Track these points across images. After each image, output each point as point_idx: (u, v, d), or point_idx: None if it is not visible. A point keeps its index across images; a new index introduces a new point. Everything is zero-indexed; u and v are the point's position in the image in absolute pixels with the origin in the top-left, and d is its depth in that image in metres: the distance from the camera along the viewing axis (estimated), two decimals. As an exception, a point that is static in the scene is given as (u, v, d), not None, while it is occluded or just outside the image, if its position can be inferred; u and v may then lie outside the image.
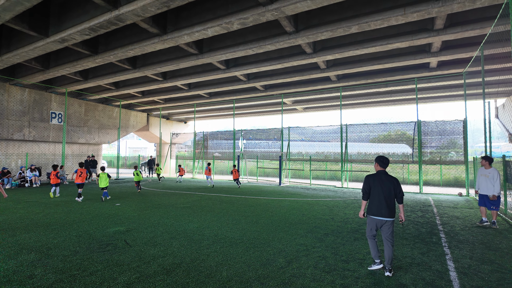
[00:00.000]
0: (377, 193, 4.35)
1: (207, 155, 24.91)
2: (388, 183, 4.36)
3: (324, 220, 7.82)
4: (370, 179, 4.47)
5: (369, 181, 4.46)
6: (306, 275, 4.16)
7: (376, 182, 4.40)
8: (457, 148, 15.95)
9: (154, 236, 6.06)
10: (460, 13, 10.42)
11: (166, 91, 21.79)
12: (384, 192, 4.32)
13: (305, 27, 11.13)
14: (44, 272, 4.15)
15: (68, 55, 15.31)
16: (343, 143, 17.42)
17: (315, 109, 26.31)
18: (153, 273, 4.15)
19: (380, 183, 4.37)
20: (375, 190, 4.38)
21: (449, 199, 12.33)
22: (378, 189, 4.35)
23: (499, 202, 7.42)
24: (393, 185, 4.35)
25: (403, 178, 21.67)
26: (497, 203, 7.37)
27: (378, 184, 4.37)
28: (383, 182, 4.37)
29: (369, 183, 4.46)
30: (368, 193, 4.46)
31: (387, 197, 4.30)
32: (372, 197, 4.42)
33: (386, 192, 4.31)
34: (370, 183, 4.45)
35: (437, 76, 15.45)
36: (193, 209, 9.24)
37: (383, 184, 4.36)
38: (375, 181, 4.41)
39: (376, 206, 4.33)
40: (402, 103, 22.34)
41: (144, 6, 9.05)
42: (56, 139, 20.66)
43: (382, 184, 4.36)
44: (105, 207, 9.56)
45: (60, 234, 6.17)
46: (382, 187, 4.34)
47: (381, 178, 4.42)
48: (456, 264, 4.65)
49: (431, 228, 7.09)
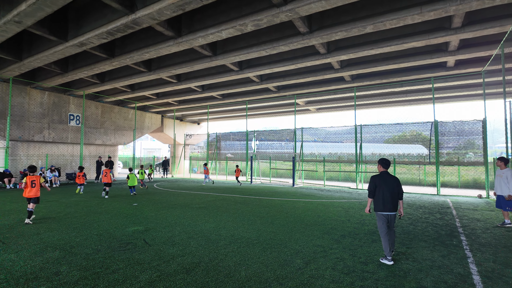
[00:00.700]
0: (382, 191, 4.83)
1: (220, 156, 25.09)
2: (391, 182, 4.85)
3: (340, 222, 7.77)
4: (376, 179, 4.94)
5: (375, 181, 4.93)
6: (324, 276, 4.15)
7: (381, 182, 4.87)
8: (475, 149, 15.54)
9: (172, 235, 6.16)
10: (479, 11, 10.17)
11: (180, 93, 22.08)
12: (389, 190, 4.80)
13: (319, 28, 11.09)
14: (69, 269, 4.28)
15: (85, 59, 15.73)
16: (358, 144, 17.23)
17: (329, 109, 26.13)
18: (173, 272, 4.22)
19: (385, 182, 4.86)
20: (380, 188, 4.85)
21: (469, 201, 12.03)
22: (383, 187, 4.83)
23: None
24: (395, 184, 4.85)
25: (419, 179, 21.24)
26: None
27: (383, 183, 4.85)
28: (386, 182, 4.86)
29: (374, 182, 4.92)
30: (374, 191, 4.92)
31: (391, 195, 4.79)
32: (377, 195, 4.87)
33: (390, 190, 4.80)
34: (376, 182, 4.91)
35: (454, 75, 15.11)
36: (208, 209, 9.34)
37: (387, 183, 4.84)
38: (380, 181, 4.89)
39: (382, 203, 4.80)
40: (417, 103, 21.94)
41: (160, 9, 9.21)
42: (74, 141, 21.23)
43: (386, 183, 4.84)
44: (123, 206, 9.77)
45: (81, 232, 6.34)
46: (387, 186, 4.82)
47: (385, 178, 4.91)
48: (479, 267, 4.55)
49: (451, 230, 6.95)
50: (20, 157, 18.58)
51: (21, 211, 8.86)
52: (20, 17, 10.01)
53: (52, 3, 9.18)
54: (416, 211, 9.47)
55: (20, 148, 18.61)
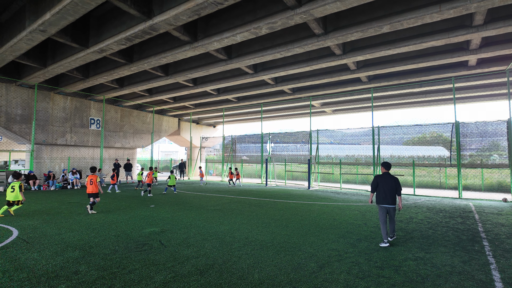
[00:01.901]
0: (383, 188, 6.02)
1: (235, 158, 25.21)
2: (390, 181, 6.03)
3: (356, 226, 7.63)
4: (378, 178, 6.16)
5: (377, 179, 6.16)
6: (339, 280, 4.09)
7: (382, 180, 6.08)
8: (500, 151, 14.93)
9: (187, 237, 6.24)
10: (501, 7, 9.80)
11: (196, 96, 22.39)
12: (388, 187, 5.98)
13: (334, 29, 10.99)
14: (88, 268, 4.42)
15: (105, 64, 16.24)
16: (375, 146, 16.89)
17: (345, 111, 25.77)
18: (188, 273, 4.28)
19: (385, 181, 6.06)
20: (381, 186, 6.05)
21: (493, 205, 11.54)
22: (383, 185, 6.03)
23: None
24: (394, 182, 6.02)
25: (440, 182, 20.56)
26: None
27: (383, 182, 6.06)
28: (387, 180, 6.05)
29: (377, 180, 6.15)
30: (375, 187, 6.17)
31: (390, 191, 5.97)
32: (378, 191, 6.10)
33: (389, 187, 5.98)
34: (377, 180, 6.14)
35: (476, 74, 14.58)
36: (223, 212, 9.40)
37: (387, 181, 6.04)
38: (382, 180, 6.10)
39: (382, 197, 6.01)
40: (438, 104, 21.28)
41: (176, 15, 9.40)
42: (95, 144, 21.91)
43: (386, 181, 6.04)
44: (140, 208, 9.98)
45: (100, 233, 6.53)
46: (387, 184, 6.01)
47: (386, 177, 6.11)
48: (502, 274, 4.36)
49: (473, 235, 6.69)
50: (44, 160, 19.35)
51: (45, 212, 9.21)
52: (44, 26, 10.46)
53: (74, 12, 9.55)
54: (436, 215, 9.17)
55: (44, 151, 19.38)
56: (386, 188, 5.97)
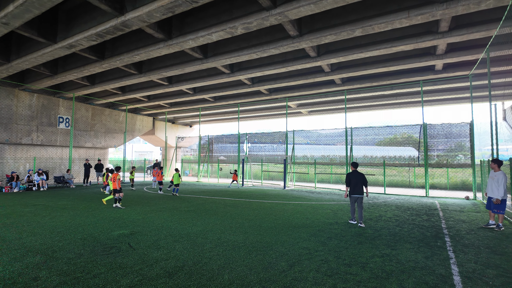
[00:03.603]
0: (354, 182, 7.82)
1: (212, 158, 25.01)
2: (358, 176, 7.81)
3: (328, 224, 7.79)
4: (350, 175, 7.94)
5: (349, 176, 7.93)
6: (307, 278, 4.15)
7: (353, 177, 7.87)
8: (464, 151, 15.75)
9: (158, 239, 6.11)
10: (465, 15, 10.36)
11: (172, 95, 22.00)
12: (357, 181, 7.78)
13: (309, 31, 11.17)
14: (49, 274, 4.21)
15: (75, 61, 15.59)
16: (348, 146, 17.33)
17: (320, 112, 26.28)
18: (156, 276, 4.18)
19: (355, 177, 7.85)
20: (353, 180, 7.83)
21: (456, 203, 12.17)
22: (354, 180, 7.82)
23: (504, 206, 7.31)
24: (361, 177, 7.78)
25: (409, 181, 21.44)
26: (502, 207, 7.29)
27: (353, 177, 7.85)
28: (356, 176, 7.84)
29: (349, 177, 7.93)
30: (349, 182, 7.89)
31: (359, 184, 7.77)
32: (351, 185, 7.85)
33: (358, 181, 7.78)
34: (349, 177, 7.92)
35: (442, 78, 15.32)
36: (197, 213, 9.28)
37: (356, 177, 7.82)
38: (352, 176, 7.88)
39: (353, 189, 7.82)
40: (408, 106, 22.19)
41: (149, 12, 9.19)
42: (64, 143, 20.97)
43: (355, 177, 7.83)
44: (110, 210, 9.65)
45: (65, 237, 6.25)
46: (356, 179, 7.81)
47: (355, 174, 7.88)
48: (460, 268, 4.60)
49: (436, 232, 7.02)
50: (7, 160, 18.28)
51: (5, 215, 8.69)
52: (7, 18, 9.90)
53: (40, 5, 9.10)
54: (404, 213, 9.55)
55: (7, 151, 18.31)
56: (355, 182, 7.77)
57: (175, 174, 14.30)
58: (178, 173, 14.36)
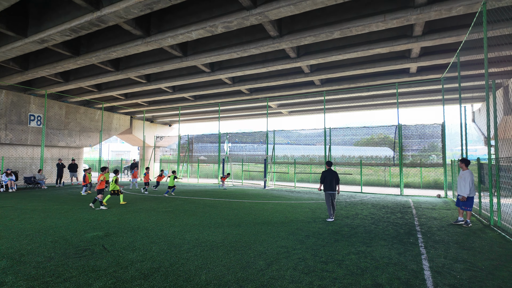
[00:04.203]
0: (328, 179, 8.37)
1: (192, 158, 24.72)
2: (333, 174, 8.39)
3: (306, 223, 7.89)
4: (325, 172, 8.48)
5: (324, 174, 8.47)
6: (285, 277, 4.18)
7: (327, 174, 8.41)
8: (437, 151, 16.41)
9: (134, 240, 5.96)
10: (438, 21, 10.79)
11: (150, 93, 21.54)
12: (331, 179, 8.34)
13: (288, 32, 11.27)
14: (15, 279, 4.01)
15: (48, 56, 14.94)
16: (327, 146, 17.64)
17: (300, 112, 26.57)
18: (130, 278, 4.07)
19: (329, 174, 8.40)
20: (327, 178, 8.38)
21: (428, 201, 12.67)
22: (329, 177, 8.37)
23: (471, 203, 7.69)
24: (334, 176, 8.37)
25: (385, 180, 22.11)
26: (468, 204, 7.67)
27: (328, 175, 8.40)
28: (331, 174, 8.39)
29: (324, 175, 8.45)
30: (323, 179, 8.44)
31: (333, 181, 8.34)
32: (325, 181, 8.40)
33: (332, 179, 8.34)
34: (324, 174, 8.45)
35: (416, 81, 15.90)
36: (175, 213, 9.14)
37: (331, 175, 8.38)
38: (327, 174, 8.43)
39: (328, 186, 8.36)
40: (384, 107, 22.85)
41: (126, 7, 8.96)
42: (35, 142, 20.04)
43: (330, 175, 8.39)
44: (84, 211, 9.33)
45: (34, 240, 5.97)
46: (330, 177, 8.36)
47: (330, 172, 8.45)
48: (430, 263, 4.78)
49: (410, 229, 7.27)
50: (-28, 159, 17.26)
51: (-31, 218, 8.20)
52: (-29, 10, 9.36)
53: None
54: (379, 211, 9.82)
55: (-28, 150, 17.29)
56: (330, 180, 8.36)
57: (171, 175, 14.35)
58: (175, 175, 14.49)
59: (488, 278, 4.22)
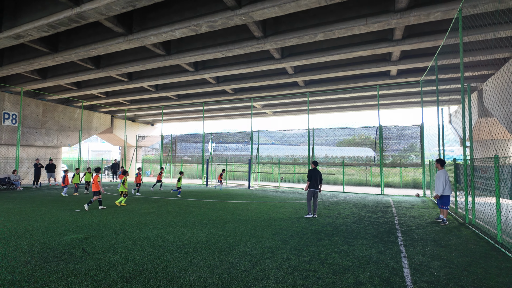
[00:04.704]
0: (314, 178, 8.86)
1: (175, 158, 24.41)
2: (318, 173, 8.94)
3: (290, 222, 7.96)
4: (311, 171, 8.94)
5: (311, 172, 8.91)
6: (269, 277, 4.21)
7: (313, 173, 8.89)
8: (416, 152, 16.94)
9: (115, 243, 5.83)
10: (417, 25, 11.13)
11: (132, 92, 21.10)
12: (317, 177, 8.88)
13: (273, 33, 11.33)
14: (-11, 285, 3.84)
15: (24, 52, 14.37)
16: (310, 146, 17.85)
17: (284, 113, 26.76)
18: (112, 282, 3.99)
19: (315, 173, 8.90)
20: (313, 176, 8.86)
21: (408, 200, 13.05)
22: (314, 176, 8.87)
23: (447, 202, 8.01)
24: (319, 175, 8.93)
25: (366, 180, 22.60)
26: (444, 202, 8.00)
27: (314, 174, 8.88)
28: (316, 173, 8.91)
29: (311, 173, 8.90)
30: (310, 177, 8.86)
31: (318, 180, 8.90)
32: (311, 180, 8.85)
33: (317, 177, 8.89)
34: (310, 173, 8.90)
35: (397, 83, 16.35)
36: (158, 215, 9.01)
37: (316, 174, 8.91)
38: (313, 172, 8.91)
39: (313, 184, 8.85)
40: (365, 109, 23.36)
41: (108, 4, 8.75)
42: (10, 142, 19.24)
43: (316, 174, 8.90)
44: (62, 213, 9.04)
45: (9, 244, 5.74)
46: (315, 175, 8.88)
47: (315, 171, 8.94)
48: (409, 261, 4.94)
49: (390, 228, 7.47)
50: None
51: None
52: None
53: (-20, -11, 8.27)
54: (361, 210, 10.04)
55: None
56: (315, 178, 8.87)
57: (180, 176, 14.37)
58: (181, 176, 14.57)
59: (463, 274, 4.40)
